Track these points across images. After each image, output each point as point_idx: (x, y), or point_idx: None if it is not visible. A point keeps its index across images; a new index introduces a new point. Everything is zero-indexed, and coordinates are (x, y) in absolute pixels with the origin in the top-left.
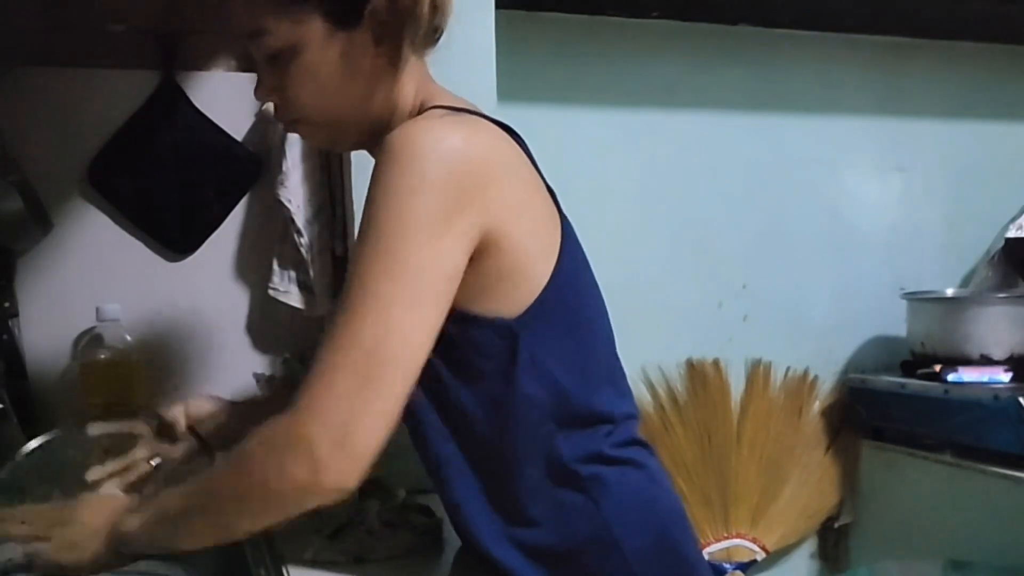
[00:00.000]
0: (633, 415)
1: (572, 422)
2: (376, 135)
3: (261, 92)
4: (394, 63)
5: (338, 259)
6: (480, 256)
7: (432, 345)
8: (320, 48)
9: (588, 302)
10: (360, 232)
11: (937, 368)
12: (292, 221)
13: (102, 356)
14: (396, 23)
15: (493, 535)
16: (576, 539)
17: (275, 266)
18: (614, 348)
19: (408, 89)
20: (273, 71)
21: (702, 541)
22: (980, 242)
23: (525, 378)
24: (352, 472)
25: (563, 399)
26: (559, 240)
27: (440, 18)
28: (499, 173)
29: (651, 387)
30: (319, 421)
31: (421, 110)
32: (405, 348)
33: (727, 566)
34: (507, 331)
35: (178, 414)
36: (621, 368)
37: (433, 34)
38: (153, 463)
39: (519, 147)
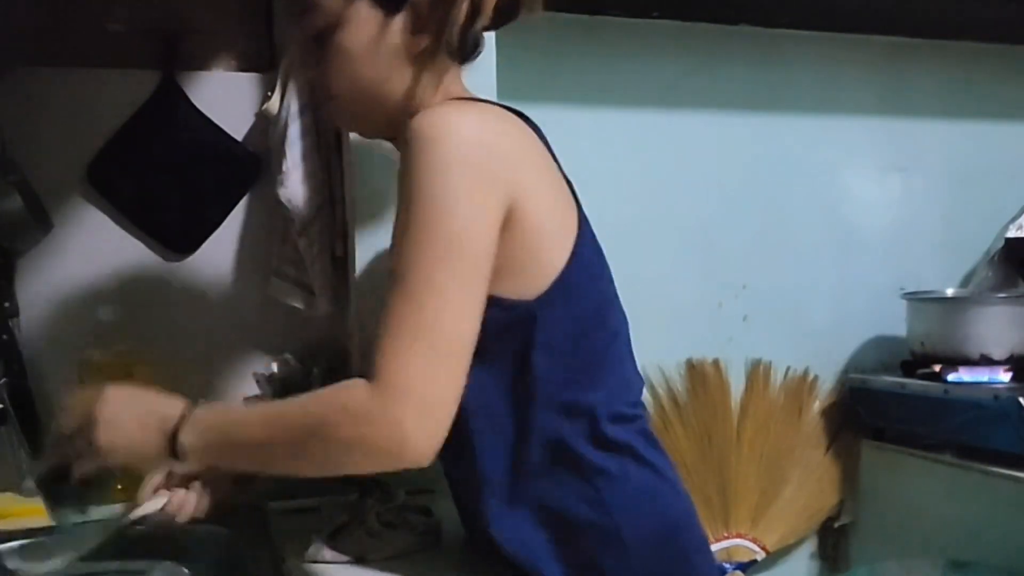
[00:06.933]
0: (638, 403)
1: (577, 406)
2: (400, 128)
3: (304, 69)
4: (425, 55)
5: (338, 259)
6: (503, 234)
7: (481, 320)
8: (359, 26)
9: (603, 288)
10: (400, 216)
11: (937, 368)
12: (292, 221)
13: (102, 356)
14: (434, 17)
15: (498, 513)
16: (577, 519)
17: (275, 266)
18: (628, 339)
19: (437, 90)
20: (317, 51)
21: None
22: (980, 242)
23: (540, 360)
24: (435, 441)
25: (572, 384)
26: (575, 227)
27: (478, 24)
28: (515, 151)
29: (651, 387)
30: (402, 398)
31: None
32: (463, 322)
33: (727, 566)
34: (526, 313)
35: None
36: (632, 358)
37: (470, 41)
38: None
39: (533, 131)
